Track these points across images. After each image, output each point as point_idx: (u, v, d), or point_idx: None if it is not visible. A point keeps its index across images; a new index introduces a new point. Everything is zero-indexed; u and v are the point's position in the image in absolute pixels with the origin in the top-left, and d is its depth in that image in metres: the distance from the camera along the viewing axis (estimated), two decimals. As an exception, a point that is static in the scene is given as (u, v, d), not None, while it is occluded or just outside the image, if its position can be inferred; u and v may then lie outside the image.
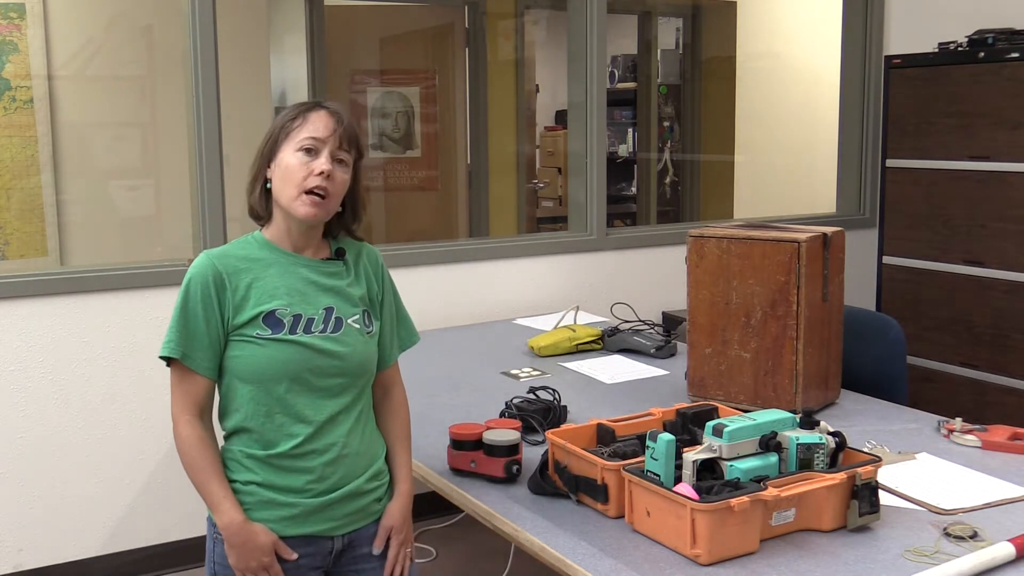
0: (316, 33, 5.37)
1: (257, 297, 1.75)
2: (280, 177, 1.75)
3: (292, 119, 1.76)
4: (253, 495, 1.77)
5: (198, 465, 1.76)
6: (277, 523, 1.77)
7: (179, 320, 1.76)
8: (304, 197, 1.73)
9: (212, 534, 1.81)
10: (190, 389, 1.77)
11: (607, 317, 3.64)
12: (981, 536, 1.71)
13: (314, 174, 1.73)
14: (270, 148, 1.78)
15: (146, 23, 4.28)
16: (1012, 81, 3.58)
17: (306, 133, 1.74)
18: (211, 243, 3.25)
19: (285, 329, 1.75)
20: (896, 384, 2.70)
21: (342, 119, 1.78)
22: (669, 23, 6.58)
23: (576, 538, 1.74)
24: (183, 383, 1.77)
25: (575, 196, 4.05)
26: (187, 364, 1.75)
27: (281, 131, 1.76)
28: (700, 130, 6.30)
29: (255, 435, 1.77)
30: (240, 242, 1.82)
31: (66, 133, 4.13)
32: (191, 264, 1.78)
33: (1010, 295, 3.64)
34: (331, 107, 1.79)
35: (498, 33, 5.72)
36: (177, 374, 1.78)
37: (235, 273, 1.76)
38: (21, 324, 3.06)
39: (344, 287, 1.83)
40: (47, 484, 3.15)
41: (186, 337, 1.75)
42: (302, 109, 1.78)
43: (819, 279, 2.35)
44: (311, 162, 1.74)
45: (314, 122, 1.75)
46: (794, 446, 1.77)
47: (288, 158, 1.74)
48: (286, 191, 1.74)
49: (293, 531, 1.78)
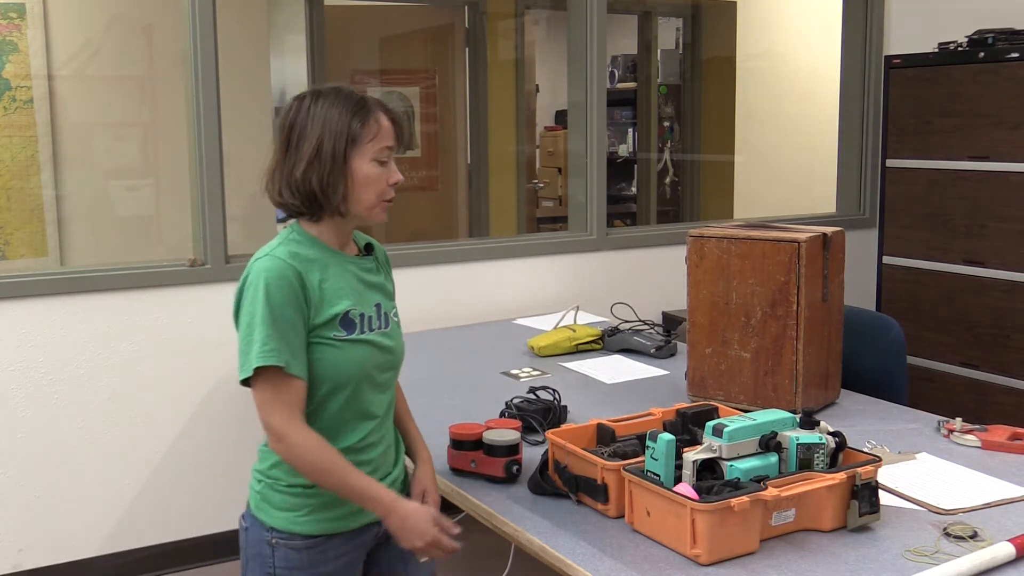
0: (316, 33, 5.37)
1: (330, 298, 1.74)
2: (356, 184, 1.74)
3: (362, 124, 1.74)
4: (318, 496, 1.76)
5: (330, 465, 1.69)
6: (340, 520, 1.78)
7: (271, 326, 1.66)
8: (382, 204, 1.78)
9: (268, 539, 1.77)
10: (291, 396, 1.69)
11: (607, 317, 3.64)
12: (981, 536, 1.71)
13: (389, 183, 1.78)
14: (341, 149, 1.72)
15: (146, 23, 4.28)
16: (1012, 81, 3.58)
17: (382, 144, 1.75)
18: (211, 243, 3.25)
19: (357, 329, 1.76)
20: (896, 384, 2.71)
21: (401, 124, 1.80)
22: (669, 23, 6.58)
23: (576, 538, 1.74)
24: (282, 391, 1.68)
25: (575, 196, 4.05)
26: (290, 371, 1.67)
27: (348, 135, 1.73)
28: (700, 130, 6.30)
29: (324, 434, 1.73)
30: (289, 241, 1.76)
31: (66, 133, 4.13)
32: (256, 267, 1.70)
33: (1010, 295, 3.64)
34: (391, 110, 1.80)
35: (498, 33, 5.72)
36: (273, 383, 1.67)
37: (308, 273, 1.72)
38: (21, 324, 3.06)
39: (382, 282, 1.88)
40: (47, 484, 3.15)
41: (284, 342, 1.67)
42: (367, 112, 1.75)
43: (819, 279, 2.35)
44: (386, 172, 1.77)
45: (386, 130, 1.76)
46: (794, 446, 1.77)
47: (366, 168, 1.74)
48: (364, 199, 1.76)
49: (353, 525, 1.80)
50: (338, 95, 1.75)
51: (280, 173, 1.76)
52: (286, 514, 1.77)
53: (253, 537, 1.80)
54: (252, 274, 1.71)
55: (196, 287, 3.27)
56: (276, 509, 1.77)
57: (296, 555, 1.77)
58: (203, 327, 3.29)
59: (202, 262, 3.29)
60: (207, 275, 3.27)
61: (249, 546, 1.81)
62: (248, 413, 3.58)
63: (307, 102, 1.75)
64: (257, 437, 1.81)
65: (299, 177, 1.73)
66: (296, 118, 1.75)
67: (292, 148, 1.75)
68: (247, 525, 1.82)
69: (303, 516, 1.76)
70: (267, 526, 1.78)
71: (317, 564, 1.78)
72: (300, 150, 1.73)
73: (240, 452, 3.39)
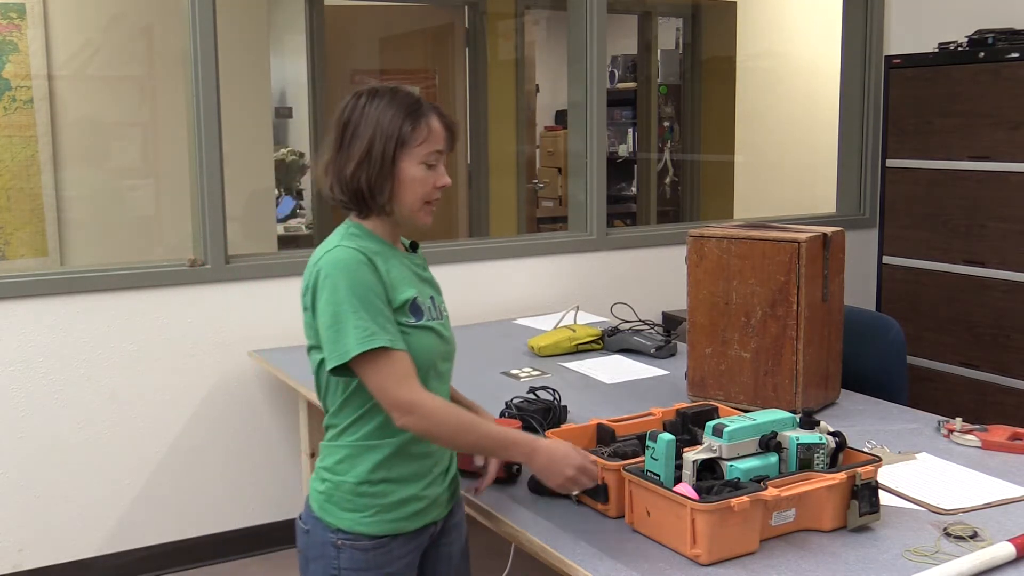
0: (316, 33, 5.37)
1: (397, 285, 1.76)
2: (402, 186, 1.76)
3: (413, 127, 1.75)
4: (383, 497, 1.76)
5: (466, 422, 1.72)
6: (404, 521, 1.78)
7: (362, 310, 1.67)
8: (426, 206, 1.80)
9: (333, 540, 1.76)
10: (405, 367, 1.69)
11: (607, 317, 3.64)
12: (981, 536, 1.71)
13: (436, 186, 1.79)
14: (390, 151, 1.74)
15: (146, 23, 4.28)
16: (1012, 81, 3.58)
17: (431, 147, 1.77)
18: (211, 243, 3.25)
19: (424, 316, 1.78)
20: (896, 384, 2.71)
21: (453, 128, 1.82)
22: (669, 23, 6.58)
23: (576, 538, 1.74)
24: (395, 366, 1.68)
25: (575, 196, 4.05)
26: (394, 347, 1.68)
27: (399, 137, 1.75)
28: (700, 130, 6.30)
29: (389, 426, 1.74)
30: (350, 235, 1.78)
31: (66, 133, 4.12)
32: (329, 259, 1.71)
33: (1010, 295, 3.64)
34: (444, 114, 1.81)
35: (498, 33, 5.72)
36: (383, 363, 1.67)
37: (375, 260, 1.74)
38: (21, 324, 3.06)
39: (431, 278, 1.91)
40: (47, 484, 3.15)
41: (378, 323, 1.68)
42: (419, 115, 1.76)
43: (819, 279, 2.35)
44: (433, 175, 1.78)
45: (436, 134, 1.78)
46: (794, 446, 1.77)
47: (412, 171, 1.76)
48: (408, 201, 1.78)
49: (415, 526, 1.80)
50: (393, 96, 1.77)
51: (332, 169, 1.79)
52: (352, 515, 1.76)
53: (316, 539, 1.79)
54: (326, 266, 1.71)
55: (196, 287, 3.27)
56: (342, 510, 1.77)
57: (362, 556, 1.76)
58: (203, 327, 3.29)
59: (202, 262, 3.29)
60: (207, 275, 3.28)
61: (311, 548, 1.80)
62: (248, 413, 3.60)
63: (362, 100, 1.77)
64: (257, 437, 1.81)
65: (349, 175, 1.76)
66: (351, 116, 1.77)
67: (344, 146, 1.77)
68: (308, 527, 1.81)
69: (369, 517, 1.76)
70: (332, 527, 1.77)
71: (382, 565, 1.78)
72: (352, 148, 1.76)
73: (240, 452, 3.39)
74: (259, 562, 3.44)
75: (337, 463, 1.78)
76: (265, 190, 4.55)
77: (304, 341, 1.81)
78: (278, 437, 3.44)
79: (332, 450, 1.80)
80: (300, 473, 3.38)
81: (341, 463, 1.77)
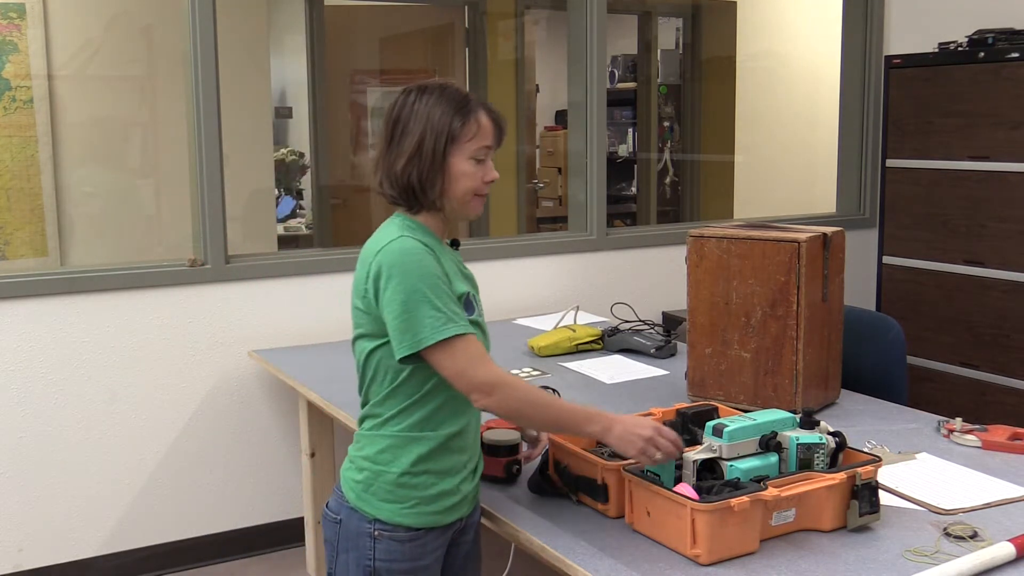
0: (316, 33, 5.37)
1: (452, 279, 1.78)
2: (452, 180, 1.78)
3: (463, 123, 1.77)
4: (423, 489, 1.77)
5: (545, 397, 1.76)
6: (440, 515, 1.79)
7: (434, 298, 1.69)
8: (476, 198, 1.81)
9: (370, 531, 1.77)
10: (479, 349, 1.73)
11: (607, 317, 3.64)
12: (981, 536, 1.71)
13: (485, 181, 1.81)
14: (441, 147, 1.76)
15: (146, 23, 4.28)
16: (1012, 81, 3.58)
17: (480, 143, 1.79)
18: (211, 243, 3.25)
19: (475, 311, 1.81)
20: (896, 384, 2.70)
21: (501, 124, 1.84)
22: (669, 23, 6.58)
23: (576, 538, 1.74)
24: (470, 349, 1.71)
25: (575, 196, 4.05)
26: (467, 331, 1.71)
27: (449, 133, 1.77)
28: (700, 130, 6.30)
29: (434, 418, 1.76)
30: (405, 227, 1.78)
31: (66, 133, 4.12)
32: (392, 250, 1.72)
33: (1010, 295, 3.64)
34: (492, 110, 1.83)
35: (498, 33, 5.71)
36: (458, 347, 1.70)
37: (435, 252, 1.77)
38: (21, 324, 3.06)
39: (472, 275, 1.93)
40: (47, 484, 3.15)
41: (449, 310, 1.70)
42: (468, 111, 1.78)
43: (819, 279, 2.35)
44: (482, 169, 1.81)
45: (485, 130, 1.80)
46: (794, 446, 1.77)
47: (462, 166, 1.78)
48: (458, 195, 1.80)
49: (449, 520, 1.82)
50: (443, 92, 1.79)
51: (382, 165, 1.82)
52: (392, 506, 1.77)
53: (351, 529, 1.79)
54: (389, 258, 1.72)
55: (196, 287, 3.27)
56: (381, 500, 1.77)
57: (399, 548, 1.77)
58: (203, 327, 3.29)
59: (202, 262, 3.29)
60: (207, 275, 3.28)
61: (345, 538, 1.80)
62: (248, 413, 3.59)
63: (412, 97, 1.80)
64: (257, 437, 1.81)
65: (399, 171, 1.78)
66: (401, 113, 1.80)
67: (395, 142, 1.80)
68: (341, 516, 1.81)
69: (408, 508, 1.77)
70: (370, 518, 1.77)
71: (417, 557, 1.79)
72: (402, 145, 1.78)
73: (240, 452, 3.39)
74: (259, 562, 3.44)
75: (379, 452, 1.78)
76: (265, 190, 4.55)
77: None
78: (278, 437, 3.44)
79: (373, 439, 1.79)
80: (300, 473, 3.38)
81: (383, 453, 1.78)
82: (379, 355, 1.76)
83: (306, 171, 6.53)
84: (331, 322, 3.46)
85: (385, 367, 1.76)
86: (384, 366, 1.76)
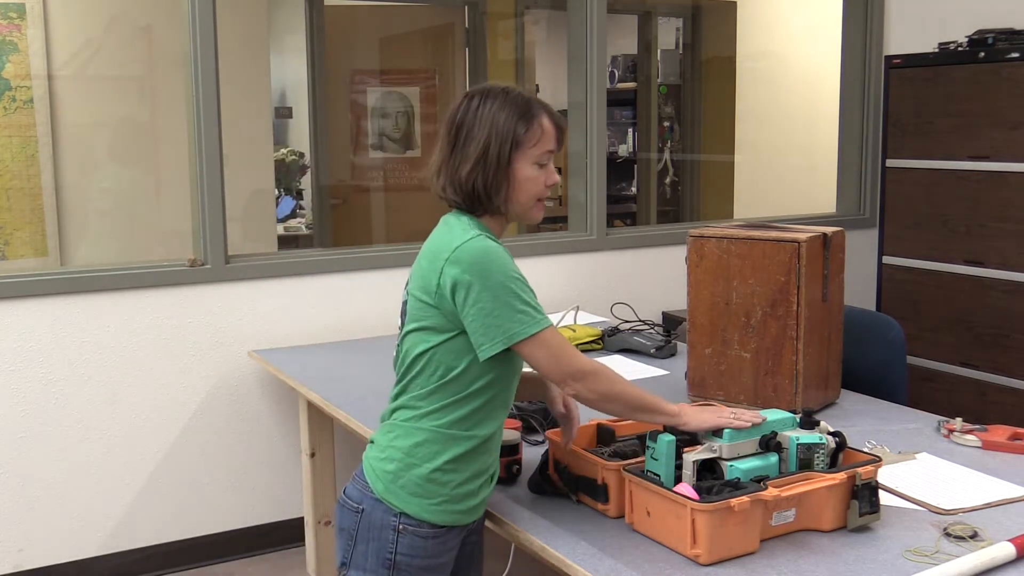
0: (316, 33, 5.37)
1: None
2: (517, 186, 1.79)
3: (527, 129, 1.78)
4: (452, 487, 1.77)
5: (628, 385, 1.78)
6: (464, 514, 1.80)
7: (523, 293, 1.72)
8: (538, 204, 1.83)
9: (395, 524, 1.77)
10: (564, 339, 1.76)
11: (607, 317, 3.64)
12: (981, 536, 1.71)
13: (547, 184, 1.82)
14: (506, 153, 1.77)
15: (146, 23, 4.28)
16: (1012, 81, 3.58)
17: (543, 148, 1.80)
18: (211, 243, 3.25)
19: None
20: (896, 384, 2.70)
21: (563, 127, 1.84)
22: (669, 23, 6.58)
23: (576, 538, 1.74)
24: (557, 339, 1.74)
25: (575, 196, 4.05)
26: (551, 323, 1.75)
27: (514, 138, 1.77)
28: (700, 130, 6.30)
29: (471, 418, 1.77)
30: (476, 227, 1.79)
31: (66, 133, 4.12)
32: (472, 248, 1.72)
33: (1010, 295, 3.64)
34: (554, 113, 1.83)
35: (498, 33, 5.72)
36: (549, 339, 1.72)
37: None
38: (21, 324, 3.06)
39: None
40: (47, 484, 3.15)
41: (537, 302, 1.74)
42: (532, 116, 1.79)
43: (819, 279, 2.35)
44: (544, 173, 1.81)
45: (548, 134, 1.81)
46: (794, 446, 1.77)
47: (526, 171, 1.79)
48: (522, 200, 1.81)
49: (469, 520, 1.83)
50: (506, 97, 1.80)
51: (446, 170, 1.82)
52: (420, 501, 1.76)
53: (374, 520, 1.79)
54: (471, 254, 1.72)
55: (196, 287, 3.27)
56: (410, 495, 1.76)
57: (422, 543, 1.77)
58: (203, 327, 3.29)
59: (202, 262, 3.29)
60: (207, 275, 3.28)
61: (366, 528, 1.79)
62: (248, 413, 3.59)
63: (475, 102, 1.80)
64: (257, 437, 1.81)
65: (464, 176, 1.78)
66: (464, 118, 1.80)
67: (458, 147, 1.80)
68: (364, 507, 1.80)
69: (435, 505, 1.77)
70: (396, 510, 1.77)
71: (436, 554, 1.79)
72: (466, 150, 1.78)
73: (240, 452, 3.39)
74: (259, 562, 3.44)
75: (415, 446, 1.77)
76: (265, 190, 4.55)
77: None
78: (278, 437, 3.44)
79: (411, 431, 1.78)
80: (300, 473, 3.38)
81: (420, 447, 1.77)
82: (438, 350, 1.75)
83: (306, 171, 6.53)
84: (331, 322, 3.46)
85: (438, 362, 1.75)
86: (437, 361, 1.75)
